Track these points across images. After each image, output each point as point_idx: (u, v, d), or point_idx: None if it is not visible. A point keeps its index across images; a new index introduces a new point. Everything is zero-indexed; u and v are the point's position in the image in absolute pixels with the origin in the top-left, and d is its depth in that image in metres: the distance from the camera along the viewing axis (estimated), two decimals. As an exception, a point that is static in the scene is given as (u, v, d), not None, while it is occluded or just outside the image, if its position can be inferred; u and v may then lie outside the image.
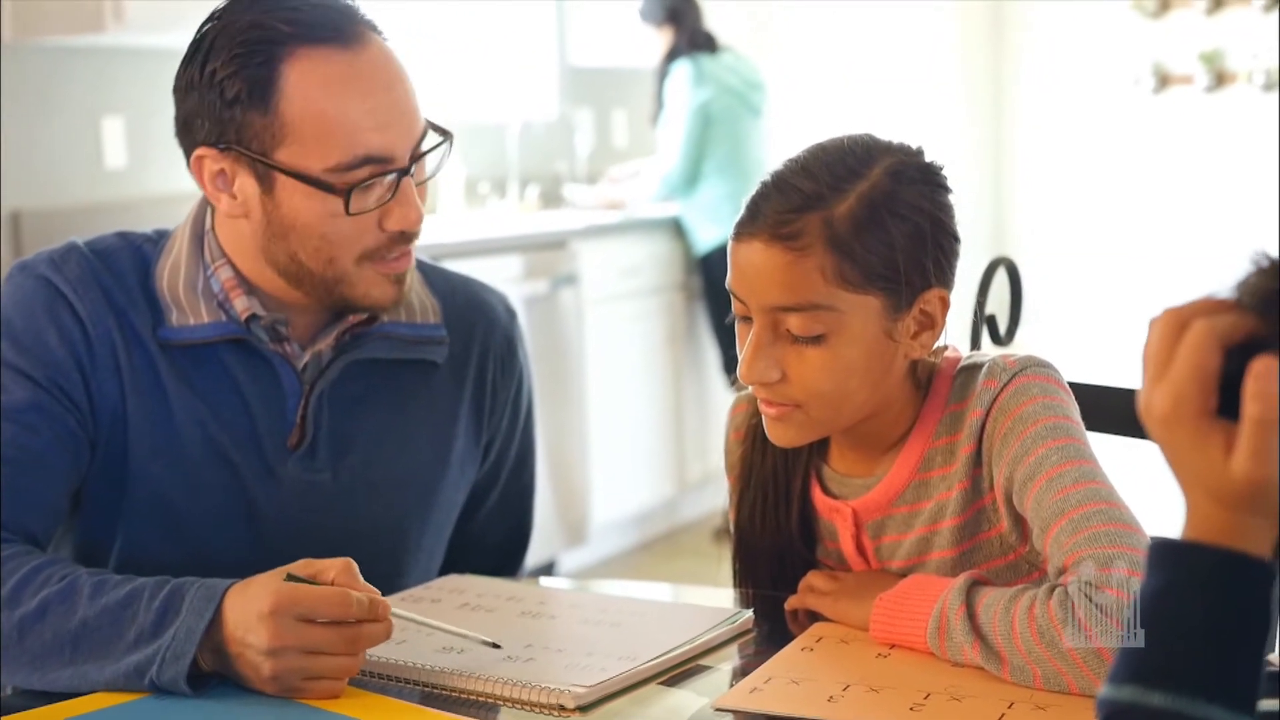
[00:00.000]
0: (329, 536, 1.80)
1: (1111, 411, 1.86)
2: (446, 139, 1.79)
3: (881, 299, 1.58)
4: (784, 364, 1.59)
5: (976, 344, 2.01)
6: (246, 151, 1.70)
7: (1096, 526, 1.47)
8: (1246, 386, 0.93)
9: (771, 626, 1.69)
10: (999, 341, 2.02)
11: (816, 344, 1.58)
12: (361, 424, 1.85)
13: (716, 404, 5.89)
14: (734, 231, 1.60)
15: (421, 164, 1.77)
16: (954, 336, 1.70)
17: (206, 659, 1.51)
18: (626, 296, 5.57)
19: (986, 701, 1.42)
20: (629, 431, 5.61)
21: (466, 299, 1.97)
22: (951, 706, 1.42)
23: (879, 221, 1.56)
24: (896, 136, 1.66)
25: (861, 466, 1.71)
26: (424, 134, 1.77)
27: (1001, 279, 2.03)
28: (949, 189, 1.63)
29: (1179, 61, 8.25)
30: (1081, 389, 1.75)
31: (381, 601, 1.51)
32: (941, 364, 1.69)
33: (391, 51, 1.76)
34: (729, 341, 1.65)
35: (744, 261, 1.59)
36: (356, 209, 1.70)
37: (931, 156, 1.64)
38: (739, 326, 1.63)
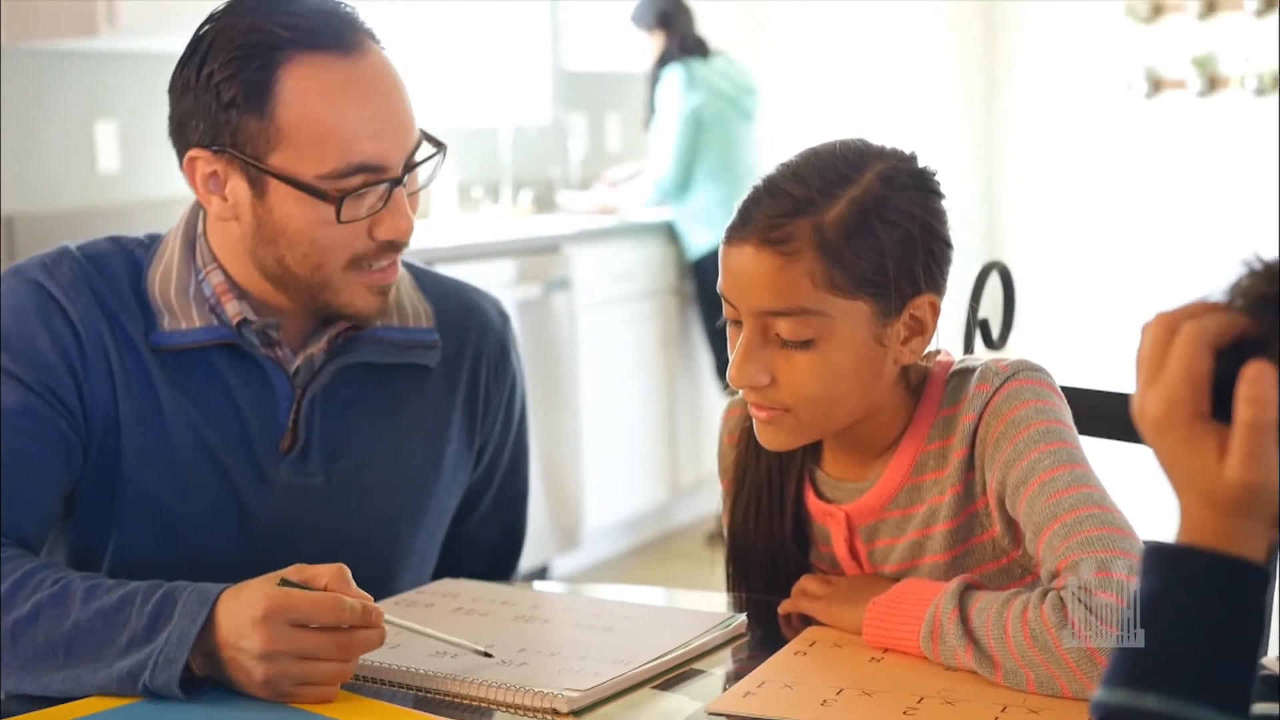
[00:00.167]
0: (321, 540, 1.80)
1: (1104, 415, 1.86)
2: (440, 150, 1.79)
3: (871, 304, 1.58)
4: (773, 368, 1.59)
5: (969, 348, 2.01)
6: (240, 155, 1.70)
7: (1089, 531, 1.48)
8: (1239, 390, 0.93)
9: (765, 630, 1.69)
10: (992, 346, 2.03)
11: (806, 349, 1.58)
12: (354, 428, 1.85)
13: (709, 408, 5.89)
14: (725, 236, 1.60)
15: (414, 174, 1.77)
16: (947, 340, 1.70)
17: (199, 663, 1.51)
18: (619, 301, 5.57)
19: (980, 705, 1.42)
20: (622, 436, 5.61)
21: (459, 303, 1.97)
22: (945, 710, 1.42)
23: (869, 227, 1.56)
24: (889, 140, 1.66)
25: (854, 471, 1.71)
26: (418, 144, 1.77)
27: (994, 283, 2.03)
28: (941, 194, 1.64)
29: (1171, 66, 8.27)
30: (1074, 393, 1.75)
31: (375, 608, 1.51)
32: (934, 368, 1.69)
33: (389, 61, 1.75)
34: (722, 346, 1.65)
35: (734, 266, 1.59)
36: (348, 217, 1.70)
37: (924, 162, 1.64)
38: (730, 330, 1.63)
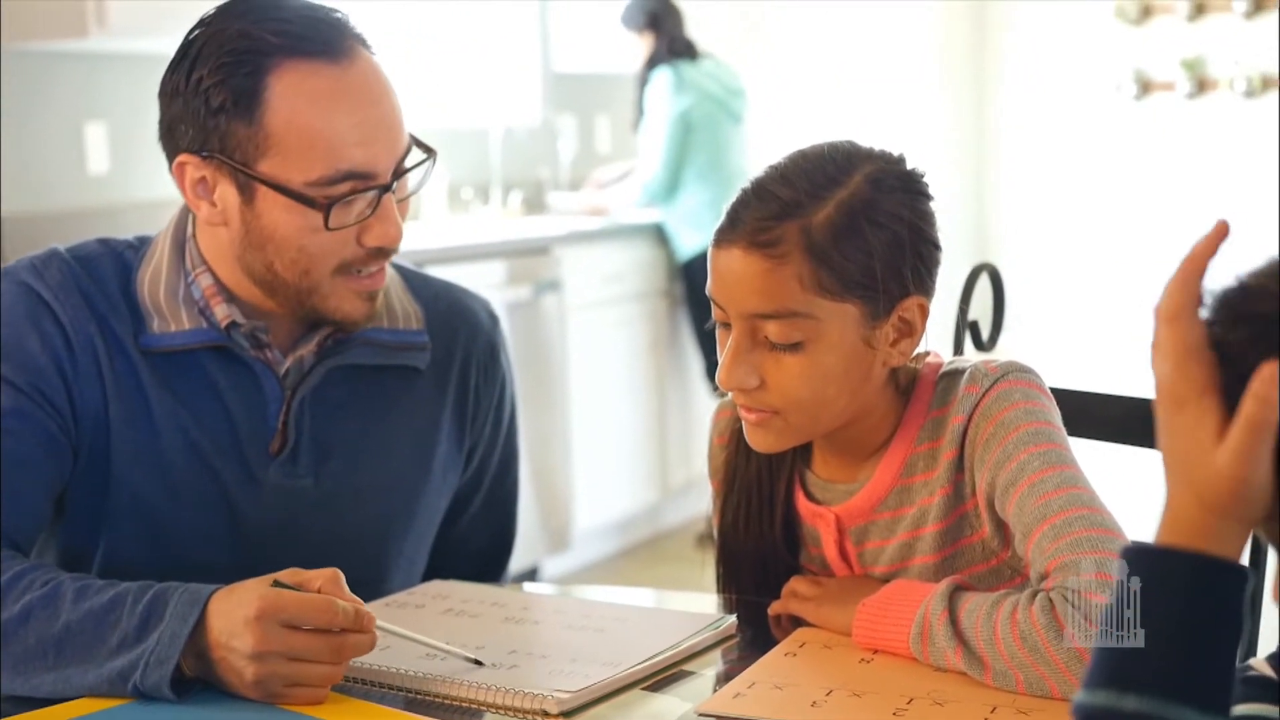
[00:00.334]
0: (311, 542, 1.80)
1: (1093, 417, 1.87)
2: (430, 156, 1.79)
3: (860, 307, 1.58)
4: (762, 371, 1.59)
5: (959, 349, 2.02)
6: (228, 161, 1.70)
7: (1078, 532, 1.48)
8: (1250, 385, 0.94)
9: (755, 632, 1.69)
10: (981, 347, 2.03)
11: (794, 351, 1.58)
12: (343, 430, 1.85)
13: (699, 410, 5.89)
14: (714, 238, 1.61)
15: (404, 180, 1.77)
16: (936, 342, 1.70)
17: (190, 664, 1.51)
18: (609, 303, 5.57)
19: (969, 706, 1.43)
20: (612, 437, 5.60)
21: (449, 305, 1.97)
22: (934, 711, 1.42)
23: (857, 230, 1.56)
24: (879, 142, 1.66)
25: (844, 472, 1.72)
26: (408, 150, 1.77)
27: (984, 285, 2.03)
28: (930, 197, 1.64)
29: (1160, 68, 8.28)
30: (1064, 394, 1.75)
31: (366, 613, 1.51)
32: (923, 370, 1.69)
33: (379, 67, 1.75)
34: (712, 348, 1.65)
35: (723, 268, 1.59)
36: (336, 224, 1.70)
37: (913, 164, 1.65)
38: (719, 332, 1.63)
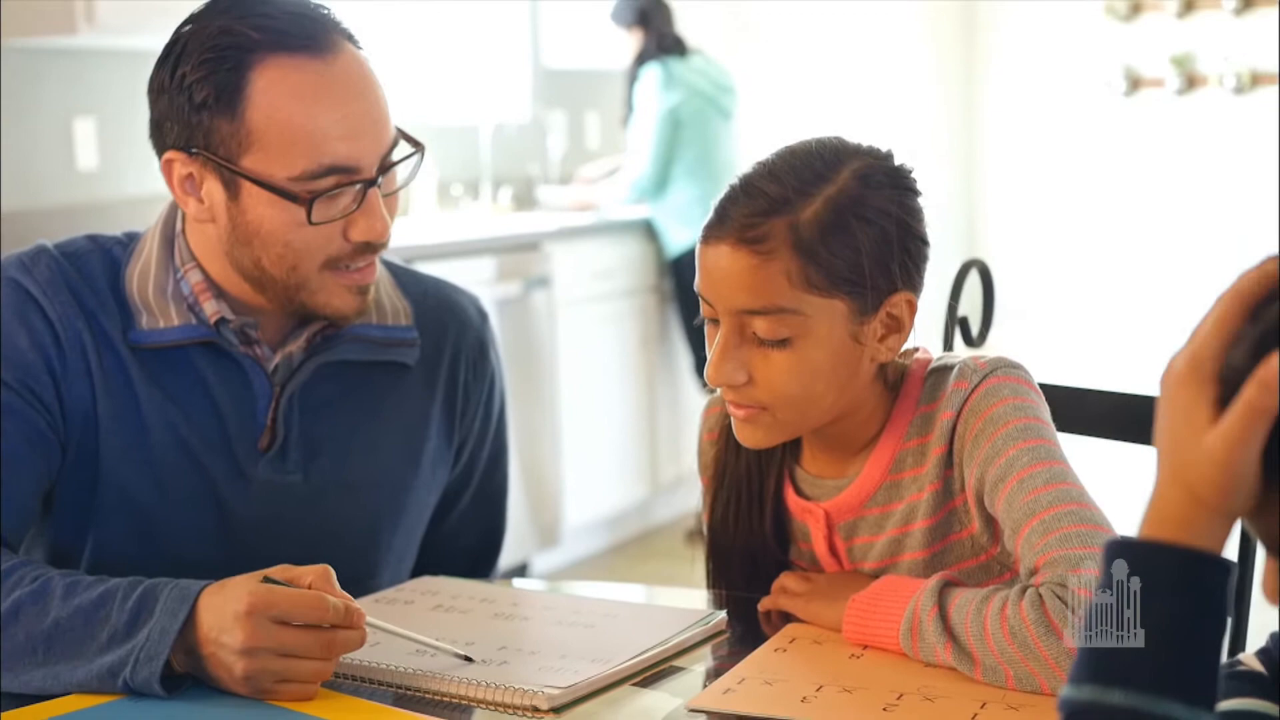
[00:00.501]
0: (300, 538, 1.80)
1: (1083, 412, 1.87)
2: (418, 150, 1.79)
3: (847, 303, 1.58)
4: (750, 366, 1.59)
5: (949, 345, 2.02)
6: (213, 157, 1.70)
7: (1067, 527, 1.48)
8: (1255, 370, 0.93)
9: (745, 628, 1.69)
10: (971, 343, 2.03)
11: (783, 347, 1.58)
12: (332, 426, 1.85)
13: (689, 406, 5.89)
14: (701, 234, 1.61)
15: (391, 175, 1.77)
16: (926, 338, 1.71)
17: (180, 660, 1.50)
18: (599, 299, 5.57)
19: (959, 702, 1.43)
20: (602, 433, 5.61)
21: (438, 301, 1.97)
22: (924, 707, 1.42)
23: (845, 226, 1.56)
24: (868, 139, 1.66)
25: (833, 468, 1.72)
26: (394, 144, 1.76)
27: (973, 281, 2.04)
28: (918, 192, 1.64)
29: (1150, 64, 8.29)
30: (1053, 390, 1.76)
31: (357, 609, 1.51)
32: (912, 365, 1.70)
33: (365, 61, 1.75)
34: (700, 344, 1.65)
35: (711, 265, 1.59)
36: (320, 218, 1.70)
37: (901, 159, 1.65)
38: (707, 328, 1.63)
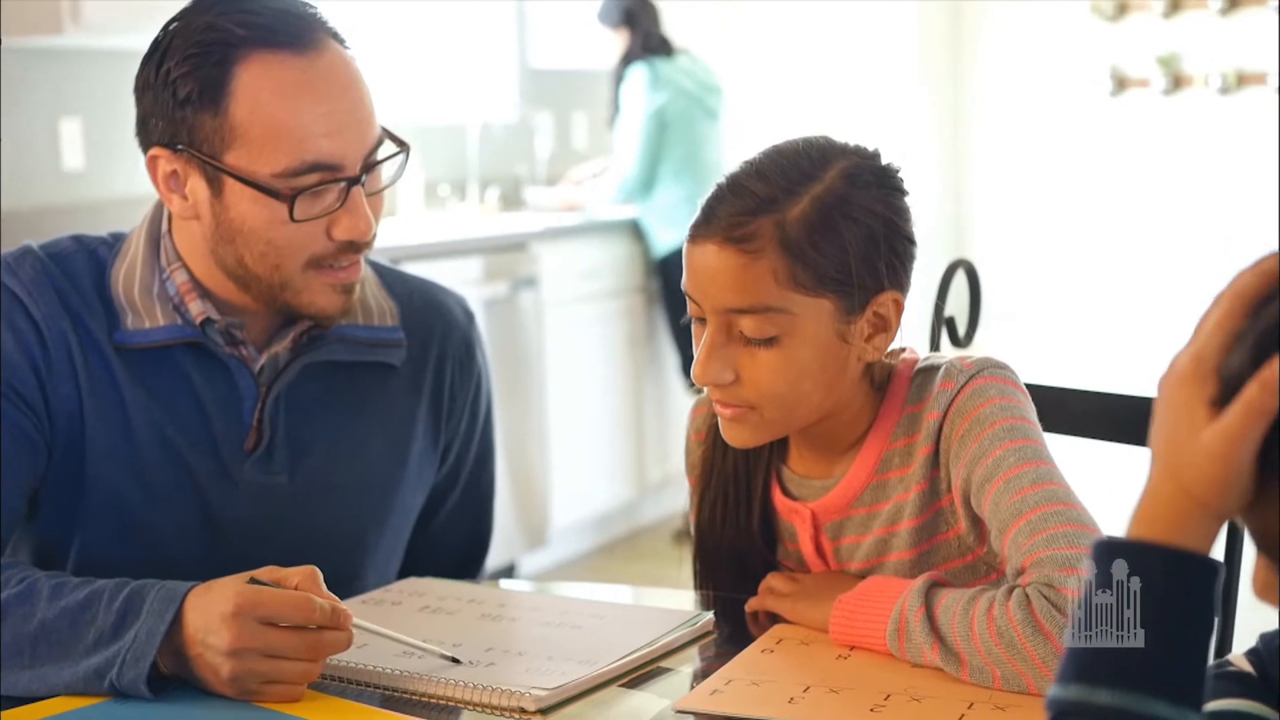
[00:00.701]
0: (286, 539, 1.80)
1: (1069, 412, 1.87)
2: (403, 150, 1.79)
3: (834, 302, 1.58)
4: (737, 366, 1.59)
5: (936, 345, 2.02)
6: (197, 153, 1.70)
7: (1054, 528, 1.48)
8: (1260, 372, 0.93)
9: (732, 628, 1.69)
10: (958, 343, 2.03)
11: (769, 346, 1.58)
12: (318, 427, 1.85)
13: (676, 406, 5.89)
14: (689, 233, 1.60)
15: (376, 173, 1.76)
16: (913, 338, 1.71)
17: (166, 661, 1.50)
18: (586, 299, 5.57)
19: (946, 702, 1.43)
20: (589, 434, 5.60)
21: (424, 301, 1.97)
22: (911, 707, 1.42)
23: (831, 225, 1.56)
24: (855, 138, 1.66)
25: (820, 468, 1.72)
26: (379, 143, 1.76)
27: (960, 280, 2.04)
28: (905, 191, 1.64)
29: (1136, 64, 8.30)
30: (1040, 390, 1.76)
31: (343, 610, 1.50)
32: (899, 365, 1.70)
33: (350, 59, 1.75)
34: (688, 343, 1.65)
35: (698, 264, 1.59)
36: (302, 216, 1.70)
37: (888, 159, 1.65)
38: (694, 328, 1.63)
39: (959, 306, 2.02)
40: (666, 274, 5.71)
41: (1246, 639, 1.25)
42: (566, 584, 4.11)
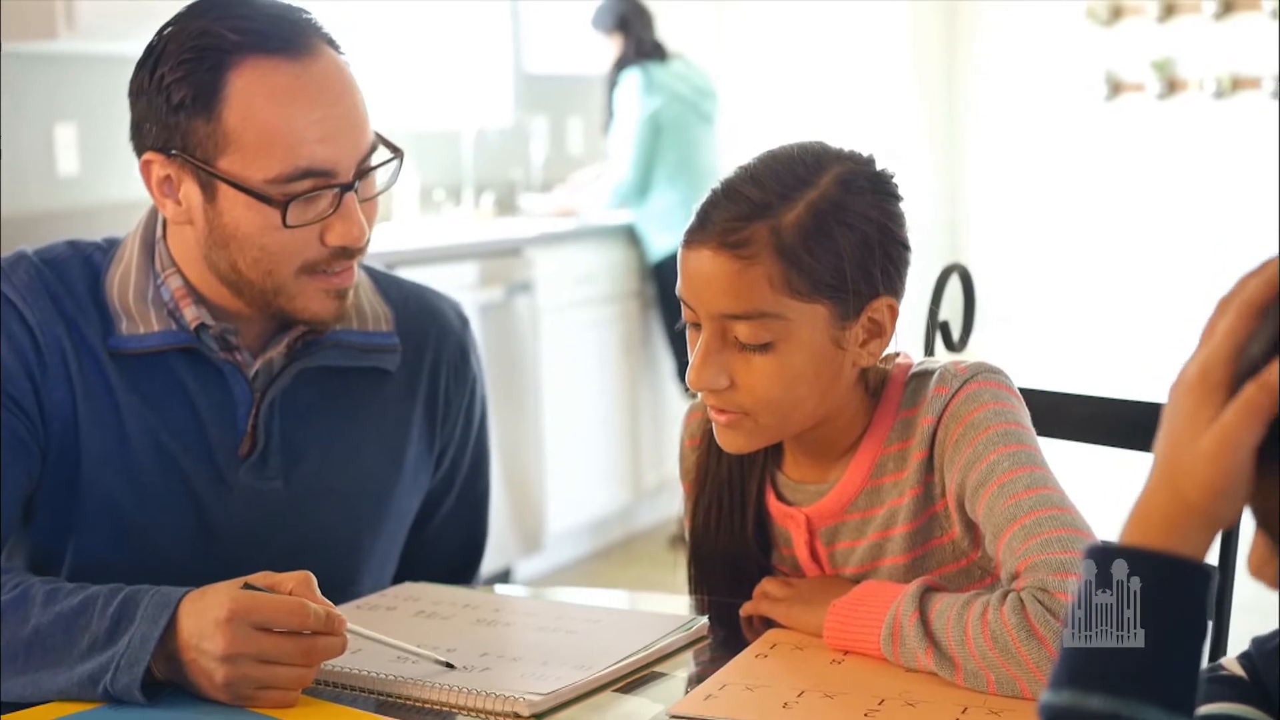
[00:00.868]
0: (281, 544, 1.80)
1: (1063, 417, 1.87)
2: (397, 156, 1.79)
3: (829, 307, 1.58)
4: (732, 371, 1.59)
5: (930, 350, 2.02)
6: (191, 158, 1.70)
7: (1048, 532, 1.48)
8: (1260, 374, 0.93)
9: (727, 633, 1.69)
10: (952, 348, 2.03)
11: (764, 352, 1.58)
12: (313, 432, 1.85)
13: (672, 411, 5.89)
14: (683, 239, 1.61)
15: (370, 179, 1.76)
16: (907, 343, 1.71)
17: (160, 667, 1.50)
18: (582, 304, 5.56)
19: (940, 707, 1.43)
20: (584, 439, 5.60)
21: (419, 307, 1.97)
22: (906, 712, 1.42)
23: (827, 231, 1.57)
24: (850, 143, 1.66)
25: (814, 473, 1.72)
26: (373, 149, 1.76)
27: (954, 285, 2.04)
28: (899, 197, 1.64)
29: (1131, 69, 8.31)
30: (1034, 395, 1.76)
31: (338, 615, 1.50)
32: (893, 370, 1.70)
33: (344, 65, 1.75)
34: (683, 349, 1.65)
35: (693, 269, 1.59)
36: (294, 221, 1.69)
37: (883, 165, 1.65)
38: (689, 333, 1.63)
39: (953, 311, 2.02)
40: (662, 279, 5.71)
41: (1240, 643, 1.25)
42: (562, 589, 4.12)
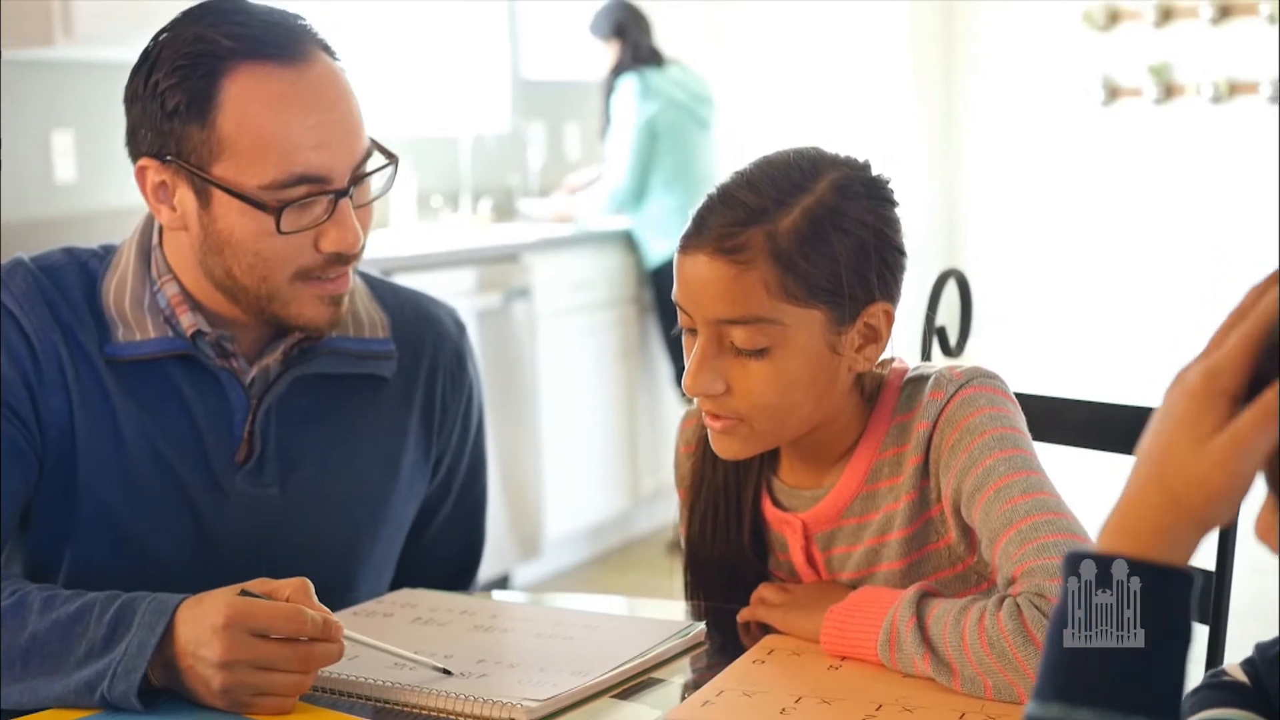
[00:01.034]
0: (278, 551, 1.80)
1: (1059, 422, 1.87)
2: (392, 161, 1.79)
3: (825, 312, 1.58)
4: (728, 377, 1.59)
5: (927, 355, 2.02)
6: (185, 164, 1.70)
7: (1045, 537, 1.48)
8: (1277, 383, 0.92)
9: (724, 639, 1.69)
10: (949, 353, 2.03)
11: (760, 357, 1.58)
12: (309, 439, 1.85)
13: (669, 417, 5.89)
14: (679, 244, 1.61)
15: (365, 185, 1.76)
16: (904, 348, 1.71)
17: (157, 674, 1.50)
18: (579, 310, 5.56)
19: (938, 712, 1.43)
20: (582, 445, 5.60)
21: (415, 313, 1.97)
22: (903, 717, 1.42)
23: (822, 236, 1.57)
24: (846, 149, 1.66)
25: (810, 479, 1.72)
26: (368, 155, 1.76)
27: (951, 290, 2.04)
28: (895, 202, 1.64)
29: (1128, 74, 8.31)
30: (1030, 399, 1.76)
31: (335, 622, 1.50)
32: (889, 375, 1.70)
33: (339, 71, 1.75)
34: (681, 354, 1.65)
35: (689, 274, 1.59)
36: (289, 227, 1.69)
37: (879, 170, 1.65)
38: (685, 338, 1.63)
39: (950, 316, 2.02)
40: (659, 284, 5.71)
41: (1238, 649, 1.25)
42: (559, 595, 4.12)
